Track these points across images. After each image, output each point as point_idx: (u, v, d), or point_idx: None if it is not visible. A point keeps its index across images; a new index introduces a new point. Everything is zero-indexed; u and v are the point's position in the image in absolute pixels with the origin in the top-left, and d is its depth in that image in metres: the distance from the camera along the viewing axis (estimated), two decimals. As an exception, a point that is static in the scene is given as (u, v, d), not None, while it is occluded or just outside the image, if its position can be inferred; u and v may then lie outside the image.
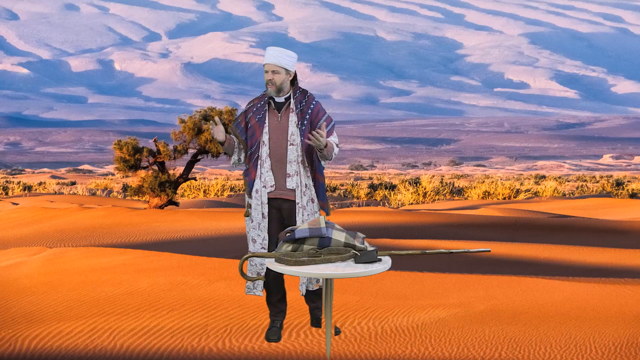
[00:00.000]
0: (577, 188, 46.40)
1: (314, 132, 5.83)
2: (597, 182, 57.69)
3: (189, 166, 19.20)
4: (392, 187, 36.28)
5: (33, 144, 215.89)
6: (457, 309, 7.95)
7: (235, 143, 6.13)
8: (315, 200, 6.09)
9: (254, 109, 6.08)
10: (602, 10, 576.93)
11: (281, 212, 6.05)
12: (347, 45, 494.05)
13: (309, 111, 6.03)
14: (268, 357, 6.97)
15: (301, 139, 6.00)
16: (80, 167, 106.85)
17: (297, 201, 6.00)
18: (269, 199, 6.04)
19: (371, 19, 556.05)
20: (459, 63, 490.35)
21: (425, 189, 32.52)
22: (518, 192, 33.60)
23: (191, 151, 18.99)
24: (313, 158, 6.05)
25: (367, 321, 7.67)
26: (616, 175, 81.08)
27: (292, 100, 6.04)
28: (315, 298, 6.17)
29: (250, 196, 6.08)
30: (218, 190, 34.51)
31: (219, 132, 5.98)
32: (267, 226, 6.04)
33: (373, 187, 36.19)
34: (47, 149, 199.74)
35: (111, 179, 58.09)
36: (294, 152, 6.00)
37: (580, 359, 6.76)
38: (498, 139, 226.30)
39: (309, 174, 6.07)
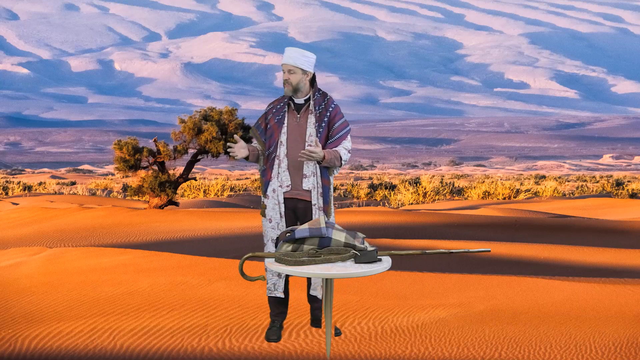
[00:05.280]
0: (577, 188, 46.38)
1: (302, 152, 5.88)
2: (597, 182, 57.65)
3: (189, 166, 19.19)
4: (392, 187, 36.27)
5: (33, 144, 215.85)
6: (457, 309, 7.95)
7: (259, 150, 6.14)
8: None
9: (274, 110, 6.10)
10: (602, 10, 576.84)
11: (296, 212, 6.05)
12: (347, 45, 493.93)
13: (327, 113, 6.05)
14: (268, 357, 6.97)
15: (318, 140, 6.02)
16: (80, 167, 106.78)
17: (313, 202, 6.02)
18: (284, 199, 6.05)
19: (371, 19, 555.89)
20: (459, 63, 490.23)
21: (425, 189, 32.52)
22: (518, 192, 33.60)
23: (191, 151, 18.97)
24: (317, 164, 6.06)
25: (367, 321, 7.66)
26: (616, 175, 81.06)
27: (311, 101, 6.07)
28: (315, 298, 6.17)
29: (266, 196, 6.07)
30: (218, 190, 34.49)
31: (240, 150, 6.01)
32: (285, 226, 6.04)
33: (373, 187, 36.17)
34: (47, 149, 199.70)
35: (111, 179, 58.06)
36: None
37: (580, 359, 6.76)
38: (498, 139, 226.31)
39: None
